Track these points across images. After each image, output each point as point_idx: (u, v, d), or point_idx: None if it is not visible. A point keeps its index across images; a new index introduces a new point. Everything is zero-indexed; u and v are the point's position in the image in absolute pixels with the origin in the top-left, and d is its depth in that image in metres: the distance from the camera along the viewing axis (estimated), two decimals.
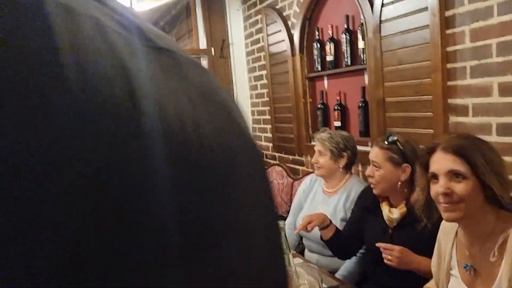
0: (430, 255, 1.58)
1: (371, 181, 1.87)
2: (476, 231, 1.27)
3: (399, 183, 1.82)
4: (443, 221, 1.43)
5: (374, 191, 1.88)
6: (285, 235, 1.50)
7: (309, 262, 2.03)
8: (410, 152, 1.85)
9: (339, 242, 2.00)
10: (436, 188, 1.25)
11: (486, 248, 1.24)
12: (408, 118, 2.29)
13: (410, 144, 1.87)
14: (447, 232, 1.43)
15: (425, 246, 1.68)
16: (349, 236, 2.01)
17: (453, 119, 2.06)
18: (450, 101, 2.05)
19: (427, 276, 1.62)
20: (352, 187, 2.31)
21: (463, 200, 1.20)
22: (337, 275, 2.09)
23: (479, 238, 1.26)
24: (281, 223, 1.49)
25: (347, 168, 2.39)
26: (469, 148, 1.23)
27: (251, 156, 0.27)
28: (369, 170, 1.88)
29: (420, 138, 2.21)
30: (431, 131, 2.14)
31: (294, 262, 1.56)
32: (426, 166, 1.34)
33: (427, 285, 1.56)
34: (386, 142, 1.85)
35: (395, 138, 1.85)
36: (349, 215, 2.19)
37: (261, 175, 0.28)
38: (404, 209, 1.80)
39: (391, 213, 1.82)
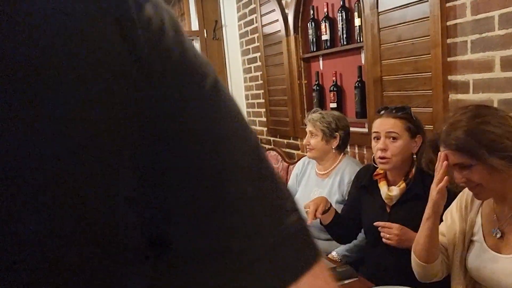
0: None
1: (383, 155, 1.73)
2: (506, 200, 1.32)
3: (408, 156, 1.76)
4: (464, 192, 1.46)
5: (385, 167, 1.76)
6: None
7: None
8: (420, 122, 1.80)
9: (339, 226, 1.93)
10: (455, 178, 1.32)
11: None
12: (406, 97, 2.22)
13: (416, 115, 1.81)
14: (471, 201, 1.43)
15: None
16: (348, 218, 1.95)
17: (453, 96, 1.99)
18: (450, 77, 1.98)
19: None
20: (346, 168, 2.25)
21: (480, 184, 1.26)
22: (334, 253, 2.05)
23: (510, 203, 1.31)
24: None
25: (340, 148, 2.33)
26: (465, 141, 1.25)
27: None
28: (381, 143, 1.73)
29: (419, 116, 2.12)
30: (430, 109, 2.08)
31: None
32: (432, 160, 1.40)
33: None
34: (400, 112, 1.76)
35: (408, 107, 1.79)
36: (345, 197, 2.14)
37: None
38: (404, 185, 1.74)
39: (390, 191, 1.76)
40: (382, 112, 1.83)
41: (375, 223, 1.67)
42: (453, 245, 1.42)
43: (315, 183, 2.34)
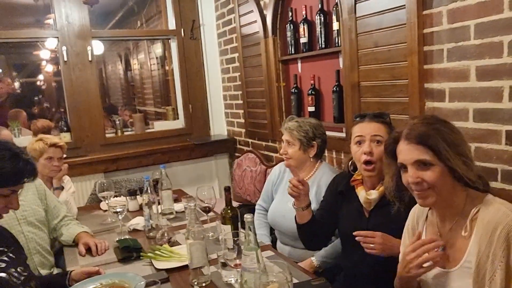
0: None
1: (370, 159, 1.70)
2: (449, 211, 1.32)
3: None
4: (414, 207, 1.46)
5: (371, 173, 1.72)
6: (254, 229, 1.39)
7: (280, 255, 1.94)
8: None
9: (313, 229, 1.91)
10: (406, 178, 1.28)
11: (458, 224, 1.29)
12: (383, 103, 2.21)
13: None
14: (418, 217, 1.44)
15: (402, 227, 1.62)
16: (322, 223, 1.92)
17: (429, 104, 1.98)
18: (426, 85, 1.97)
19: None
20: (322, 176, 2.21)
21: (433, 186, 1.25)
22: (316, 255, 2.03)
23: (451, 216, 1.31)
24: (248, 216, 1.38)
25: (317, 156, 2.29)
26: (431, 136, 1.24)
27: None
28: (367, 146, 1.70)
29: (396, 124, 2.10)
30: (407, 116, 2.06)
31: (263, 257, 1.47)
32: (393, 155, 1.35)
33: None
34: (382, 117, 1.75)
35: (388, 114, 1.78)
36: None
37: None
38: (382, 188, 1.71)
39: (369, 194, 1.73)
40: (362, 117, 1.81)
41: (355, 233, 1.63)
42: None
43: None
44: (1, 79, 6.00)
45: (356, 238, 1.62)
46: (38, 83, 8.17)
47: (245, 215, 1.39)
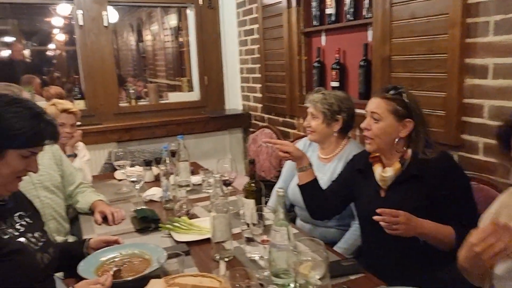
0: (427, 215, 1.48)
1: (366, 135, 1.67)
2: None
3: (396, 140, 1.65)
4: (503, 194, 1.29)
5: (368, 147, 1.69)
6: (284, 204, 1.31)
7: (304, 233, 1.87)
8: (414, 106, 1.66)
9: (315, 192, 1.84)
10: None
11: None
12: (416, 79, 2.09)
13: (414, 98, 1.67)
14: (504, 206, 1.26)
15: (422, 206, 1.55)
16: (330, 191, 1.86)
17: (469, 81, 1.86)
18: (467, 60, 1.85)
19: (433, 241, 1.50)
20: (350, 154, 2.10)
21: None
22: (336, 248, 1.94)
23: None
24: (280, 190, 1.30)
25: (343, 132, 2.18)
26: None
27: None
28: (365, 122, 1.67)
29: (430, 101, 2.02)
30: (443, 94, 1.95)
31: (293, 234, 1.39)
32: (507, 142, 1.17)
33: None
34: (391, 92, 1.64)
35: (402, 88, 1.66)
36: None
37: None
38: (398, 165, 1.64)
39: (385, 172, 1.66)
40: (379, 90, 1.73)
41: (378, 210, 1.54)
42: None
43: (316, 167, 2.19)
44: (13, 44, 5.93)
45: (375, 218, 1.52)
46: (49, 52, 8.05)
47: (277, 189, 1.30)
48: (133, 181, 2.12)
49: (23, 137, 1.23)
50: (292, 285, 1.24)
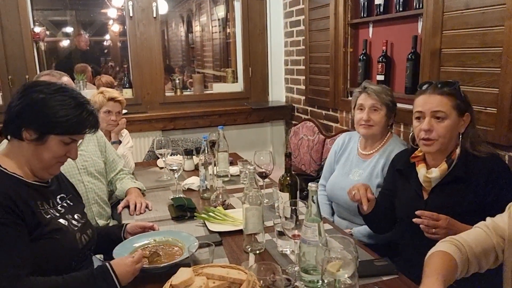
0: (471, 222, 1.33)
1: (428, 137, 1.54)
2: None
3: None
4: None
5: (430, 149, 1.56)
6: (317, 200, 1.28)
7: (341, 230, 1.82)
8: (468, 99, 1.58)
9: (377, 216, 1.75)
10: None
11: None
12: (467, 74, 1.97)
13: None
14: None
15: (467, 211, 1.46)
16: (384, 207, 1.76)
17: None
18: None
19: None
20: (393, 149, 2.01)
21: None
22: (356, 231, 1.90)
23: None
24: (313, 185, 1.27)
25: (389, 126, 2.12)
26: None
27: None
28: (426, 123, 1.53)
29: (480, 97, 1.90)
30: (496, 90, 1.82)
31: (325, 230, 1.36)
32: None
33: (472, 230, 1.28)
34: (447, 87, 1.53)
35: (458, 82, 1.56)
36: None
37: None
38: (445, 166, 1.54)
39: (429, 173, 1.57)
40: (426, 87, 1.59)
41: (418, 212, 1.47)
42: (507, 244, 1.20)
43: (356, 163, 2.14)
44: (81, 34, 6.23)
45: (414, 220, 1.46)
46: (104, 43, 8.38)
47: (309, 184, 1.27)
48: (172, 170, 2.17)
49: (66, 125, 1.29)
50: (320, 282, 1.22)
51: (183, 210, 1.90)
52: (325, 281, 1.08)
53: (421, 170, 1.61)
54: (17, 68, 3.34)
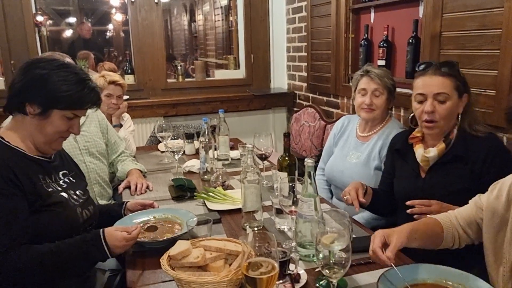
0: (467, 199, 1.33)
1: (432, 118, 1.53)
2: None
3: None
4: None
5: (433, 132, 1.57)
6: (314, 175, 1.30)
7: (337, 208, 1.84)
8: (465, 79, 1.58)
9: (379, 203, 1.75)
10: None
11: None
12: (467, 56, 1.97)
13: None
14: None
15: (464, 189, 1.47)
16: (384, 191, 1.78)
17: None
18: None
19: None
20: (391, 132, 2.01)
21: None
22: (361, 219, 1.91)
23: None
24: (309, 161, 1.29)
25: (390, 109, 2.14)
26: None
27: None
28: (429, 105, 1.52)
29: (479, 80, 1.91)
30: (495, 72, 1.83)
31: (322, 208, 1.38)
32: None
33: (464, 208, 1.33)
34: (448, 68, 1.53)
35: (457, 62, 1.56)
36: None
37: None
38: (443, 145, 1.55)
39: (427, 152, 1.57)
40: (424, 67, 1.58)
41: (408, 202, 1.49)
42: (487, 224, 1.23)
43: (354, 145, 2.15)
44: (83, 22, 6.25)
45: (409, 211, 1.48)
46: (107, 32, 8.37)
47: (306, 159, 1.29)
48: (173, 152, 2.19)
49: (68, 99, 1.32)
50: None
51: (183, 190, 1.92)
52: (320, 254, 1.10)
53: (418, 150, 1.62)
54: (19, 53, 3.36)
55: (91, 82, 1.39)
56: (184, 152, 2.51)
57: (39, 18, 3.46)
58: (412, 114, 1.68)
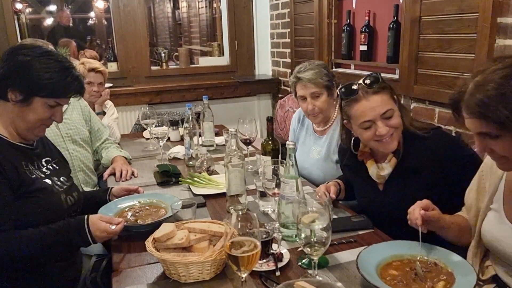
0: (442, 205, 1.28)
1: (389, 140, 1.44)
2: None
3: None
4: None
5: (390, 146, 1.46)
6: (295, 158, 1.33)
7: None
8: (388, 82, 1.54)
9: (351, 191, 1.71)
10: (476, 146, 1.12)
11: None
12: (445, 40, 2.01)
13: None
14: (495, 167, 1.20)
15: (423, 196, 1.30)
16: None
17: (500, 42, 1.77)
18: (500, 19, 1.75)
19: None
20: (337, 128, 1.88)
21: (505, 156, 1.07)
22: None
23: None
24: (291, 143, 1.31)
25: (334, 97, 2.02)
26: (495, 110, 0.97)
27: None
28: (383, 129, 1.41)
29: (457, 63, 1.95)
30: (472, 55, 1.87)
31: (304, 190, 1.41)
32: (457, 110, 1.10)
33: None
34: (380, 83, 1.43)
35: (378, 73, 1.48)
36: None
37: None
38: (394, 159, 1.49)
39: (381, 170, 1.51)
40: (354, 94, 1.44)
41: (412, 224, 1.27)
42: (476, 211, 1.27)
43: (314, 140, 2.13)
44: (63, 10, 6.12)
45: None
46: (89, 20, 8.21)
47: (287, 142, 1.32)
48: (157, 138, 2.19)
49: (50, 88, 1.31)
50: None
51: (168, 176, 1.94)
52: (302, 234, 1.13)
53: (371, 168, 1.55)
54: None
55: (75, 71, 1.39)
56: (169, 138, 2.52)
57: (18, 6, 3.39)
58: (353, 138, 1.57)
